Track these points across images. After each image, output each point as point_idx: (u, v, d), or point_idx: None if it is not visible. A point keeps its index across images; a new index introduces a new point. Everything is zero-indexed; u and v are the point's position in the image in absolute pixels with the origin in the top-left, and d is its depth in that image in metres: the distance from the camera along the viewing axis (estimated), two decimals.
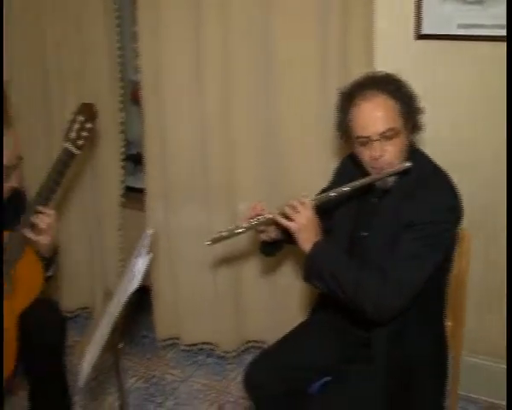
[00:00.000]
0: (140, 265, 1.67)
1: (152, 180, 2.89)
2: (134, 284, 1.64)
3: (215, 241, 2.01)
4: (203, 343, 3.08)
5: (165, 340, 3.13)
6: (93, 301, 3.33)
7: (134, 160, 3.41)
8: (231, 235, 2.00)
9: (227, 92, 2.64)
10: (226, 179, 2.75)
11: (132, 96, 3.45)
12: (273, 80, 2.56)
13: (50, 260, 2.20)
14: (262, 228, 2.04)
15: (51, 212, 2.10)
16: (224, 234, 2.00)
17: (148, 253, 1.74)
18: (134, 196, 3.18)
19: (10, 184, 2.07)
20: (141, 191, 3.06)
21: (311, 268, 1.83)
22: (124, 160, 3.08)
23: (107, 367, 2.65)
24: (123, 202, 3.12)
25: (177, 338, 3.11)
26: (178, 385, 2.88)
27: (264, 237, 2.08)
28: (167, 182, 2.85)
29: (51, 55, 3.02)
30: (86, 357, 1.82)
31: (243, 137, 2.69)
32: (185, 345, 3.09)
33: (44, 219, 2.08)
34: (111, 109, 2.96)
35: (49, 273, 2.23)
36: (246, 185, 2.74)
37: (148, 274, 1.79)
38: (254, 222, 1.99)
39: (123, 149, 3.06)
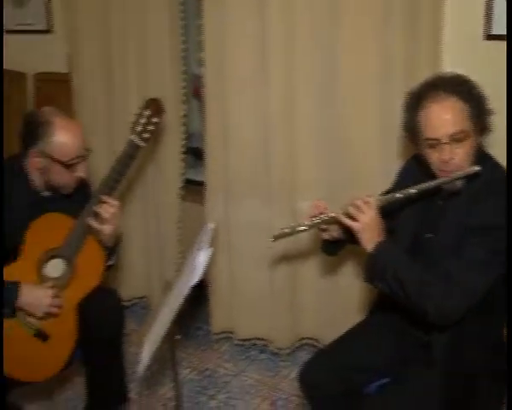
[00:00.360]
0: (201, 258, 1.69)
1: (212, 174, 2.91)
2: (195, 276, 1.66)
3: (277, 238, 2.02)
4: (257, 339, 3.10)
5: (219, 333, 3.15)
6: (150, 291, 3.39)
7: (194, 153, 3.45)
8: (294, 232, 2.00)
9: (291, 90, 2.64)
10: (287, 176, 2.75)
11: (194, 90, 3.48)
12: (337, 80, 2.54)
13: (112, 249, 2.25)
14: (324, 227, 2.03)
15: (115, 202, 2.15)
16: (286, 231, 2.00)
17: (210, 247, 1.76)
18: (194, 188, 3.22)
19: (78, 174, 2.12)
20: (200, 184, 3.09)
21: (374, 268, 1.82)
22: (184, 153, 3.11)
23: (162, 358, 2.68)
24: (182, 195, 3.15)
25: (232, 332, 3.13)
26: (231, 379, 2.90)
27: (326, 235, 2.07)
28: (228, 176, 2.87)
29: (115, 48, 3.08)
30: (145, 347, 1.86)
31: (306, 135, 2.68)
32: (239, 339, 3.11)
33: (108, 208, 2.13)
34: (173, 102, 2.99)
35: (111, 262, 2.27)
36: (306, 183, 2.73)
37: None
38: (317, 220, 1.99)
39: (184, 142, 3.09)
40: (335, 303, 2.85)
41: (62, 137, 2.05)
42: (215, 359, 3.06)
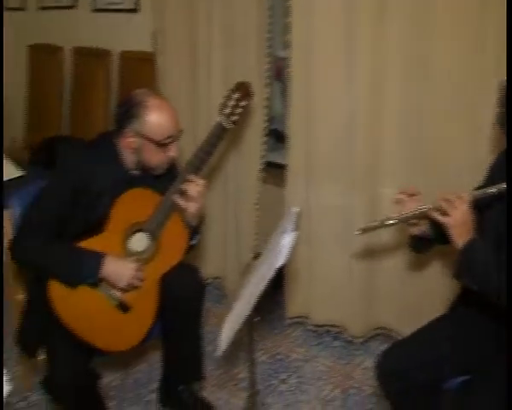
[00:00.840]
0: (286, 241, 1.69)
1: (294, 157, 2.91)
2: (280, 260, 1.66)
3: (365, 230, 1.99)
4: (331, 325, 3.09)
5: (293, 318, 3.17)
6: (224, 272, 3.44)
7: (275, 135, 3.46)
8: (382, 226, 1.96)
9: (378, 76, 2.60)
10: (370, 162, 2.72)
11: (276, 72, 3.48)
12: (427, 68, 2.48)
13: (196, 228, 2.28)
14: (414, 221, 1.99)
15: (201, 181, 2.18)
16: (374, 224, 1.97)
17: (294, 230, 1.76)
18: (273, 171, 3.23)
19: (169, 154, 2.17)
20: (280, 167, 3.10)
21: (464, 265, 1.78)
22: (266, 135, 3.12)
23: (237, 339, 2.72)
24: (262, 177, 3.17)
25: (306, 317, 3.14)
26: (303, 364, 2.91)
27: (415, 230, 2.02)
28: (310, 160, 2.86)
29: (201, 28, 3.11)
30: (225, 328, 1.89)
31: (392, 123, 2.64)
32: (313, 325, 3.11)
33: (194, 187, 2.17)
34: (257, 84, 2.99)
35: (194, 242, 2.31)
36: (390, 170, 2.70)
37: None
38: (407, 214, 1.94)
39: (266, 125, 3.09)
40: (415, 295, 2.80)
41: (157, 117, 2.09)
42: (288, 343, 3.07)
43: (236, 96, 2.24)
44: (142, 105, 2.09)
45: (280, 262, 1.66)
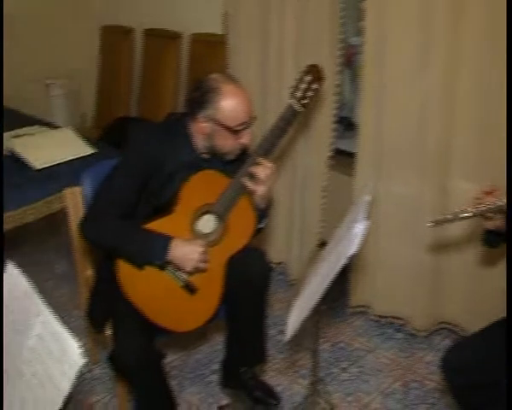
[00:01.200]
0: (358, 230, 1.69)
1: (364, 146, 2.88)
2: (352, 248, 1.66)
3: (438, 223, 1.95)
4: (394, 317, 3.07)
5: (355, 307, 3.16)
6: (288, 258, 3.45)
7: (344, 123, 3.44)
8: (456, 219, 1.92)
9: (452, 64, 2.54)
10: (442, 152, 2.67)
11: (346, 59, 3.45)
12: (502, 57, 2.41)
13: (264, 211, 2.30)
14: (490, 215, 1.93)
15: (270, 164, 2.20)
16: (448, 217, 1.92)
17: (366, 219, 1.75)
18: (341, 159, 3.22)
19: (242, 141, 2.18)
20: (348, 155, 3.08)
21: None
22: (335, 122, 3.10)
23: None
24: (330, 165, 3.16)
25: (369, 307, 3.12)
26: (364, 354, 2.90)
27: (489, 225, 1.97)
28: (380, 148, 2.83)
29: (274, 11, 3.11)
30: (293, 314, 1.90)
31: (464, 113, 2.57)
32: (376, 315, 3.10)
33: (263, 170, 2.18)
34: (328, 71, 2.96)
35: (261, 225, 2.33)
36: (462, 161, 2.64)
37: None
38: (482, 208, 1.89)
39: (336, 111, 3.07)
40: (483, 292, 2.75)
41: (231, 104, 2.10)
42: (350, 332, 3.07)
43: (308, 78, 2.24)
44: (216, 91, 2.10)
45: (351, 251, 1.66)
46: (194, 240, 2.18)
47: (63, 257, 3.76)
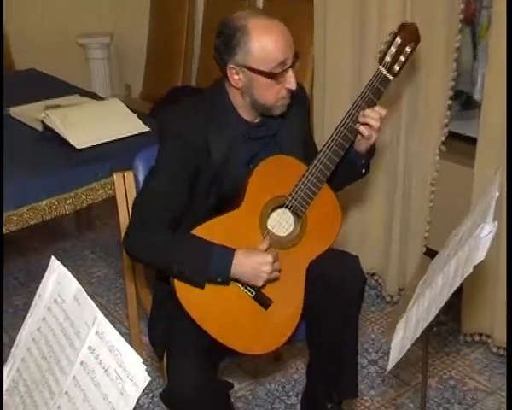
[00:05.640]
0: (486, 233, 1.67)
1: (488, 129, 2.80)
2: (479, 255, 1.65)
3: None
4: None
5: (471, 335, 3.12)
6: (385, 267, 3.43)
7: (460, 99, 3.39)
8: None
9: None
10: None
11: (466, 15, 3.35)
12: None
13: (367, 157, 2.36)
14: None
15: (377, 108, 2.24)
16: None
17: (494, 220, 1.73)
18: (456, 145, 3.17)
19: (286, 86, 2.16)
20: (466, 140, 3.04)
21: None
22: (451, 98, 3.06)
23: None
24: (442, 151, 3.13)
25: (488, 336, 3.07)
26: (484, 397, 2.84)
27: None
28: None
29: None
30: (397, 337, 1.89)
31: None
32: (498, 347, 3.05)
33: (371, 113, 2.23)
34: (442, 29, 2.94)
35: (363, 171, 2.39)
36: None
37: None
38: None
39: (452, 84, 3.04)
40: None
41: (261, 41, 2.09)
42: (463, 366, 3.02)
43: (400, 40, 2.24)
44: (242, 30, 2.10)
45: (479, 258, 1.65)
46: (261, 248, 2.18)
47: (100, 258, 3.88)
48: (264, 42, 2.10)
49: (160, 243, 2.14)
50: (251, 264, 2.13)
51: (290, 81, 2.17)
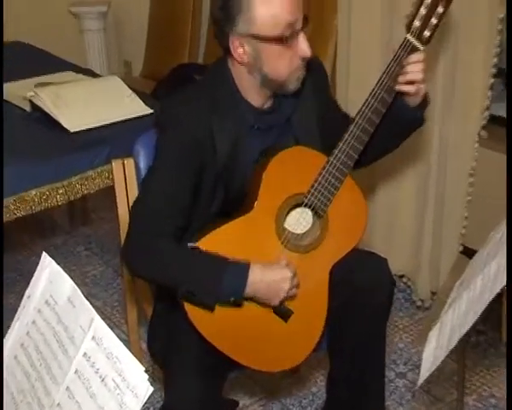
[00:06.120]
0: None
1: None
2: None
3: None
4: None
5: None
6: (415, 268, 3.44)
7: (502, 78, 3.37)
8: None
9: None
10: None
11: None
12: None
13: (421, 109, 2.32)
14: None
15: (417, 55, 2.20)
16: None
17: None
18: (497, 130, 3.16)
19: (299, 52, 2.12)
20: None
21: None
22: (494, 76, 3.06)
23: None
24: (482, 137, 3.13)
25: None
26: None
27: None
28: None
29: None
30: (430, 347, 1.89)
31: None
32: None
33: (414, 67, 2.19)
34: None
35: (419, 120, 2.35)
36: None
37: None
38: None
39: (496, 60, 3.03)
40: None
41: (265, 3, 2.06)
42: (505, 382, 3.02)
43: (430, 1, 2.21)
44: None
45: None
46: (279, 263, 2.15)
47: (95, 255, 3.89)
48: (268, 3, 2.06)
49: (164, 259, 2.12)
50: (267, 281, 2.10)
51: (302, 47, 2.12)
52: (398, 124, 2.29)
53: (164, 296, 2.30)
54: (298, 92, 2.23)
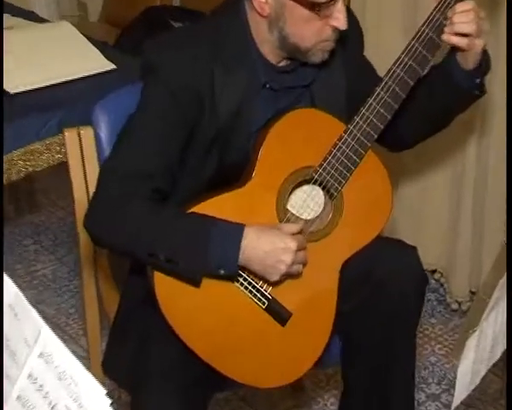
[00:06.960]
0: None
1: None
2: None
3: None
4: None
5: None
6: (450, 264, 3.48)
7: None
8: None
9: None
10: None
11: None
12: None
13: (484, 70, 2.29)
14: None
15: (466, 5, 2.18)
16: None
17: None
18: None
19: (333, 23, 2.09)
20: None
21: None
22: None
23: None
24: None
25: None
26: None
27: None
28: None
29: None
30: (468, 358, 1.90)
31: None
32: None
33: (465, 18, 2.16)
34: None
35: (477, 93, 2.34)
36: None
37: None
38: None
39: None
40: None
41: None
42: None
43: None
44: None
45: None
46: (281, 225, 2.17)
47: (46, 250, 3.88)
48: None
49: (138, 219, 2.10)
50: (267, 247, 2.07)
51: (339, 17, 2.11)
52: (448, 91, 2.27)
53: (135, 289, 2.30)
54: (324, 61, 2.22)
